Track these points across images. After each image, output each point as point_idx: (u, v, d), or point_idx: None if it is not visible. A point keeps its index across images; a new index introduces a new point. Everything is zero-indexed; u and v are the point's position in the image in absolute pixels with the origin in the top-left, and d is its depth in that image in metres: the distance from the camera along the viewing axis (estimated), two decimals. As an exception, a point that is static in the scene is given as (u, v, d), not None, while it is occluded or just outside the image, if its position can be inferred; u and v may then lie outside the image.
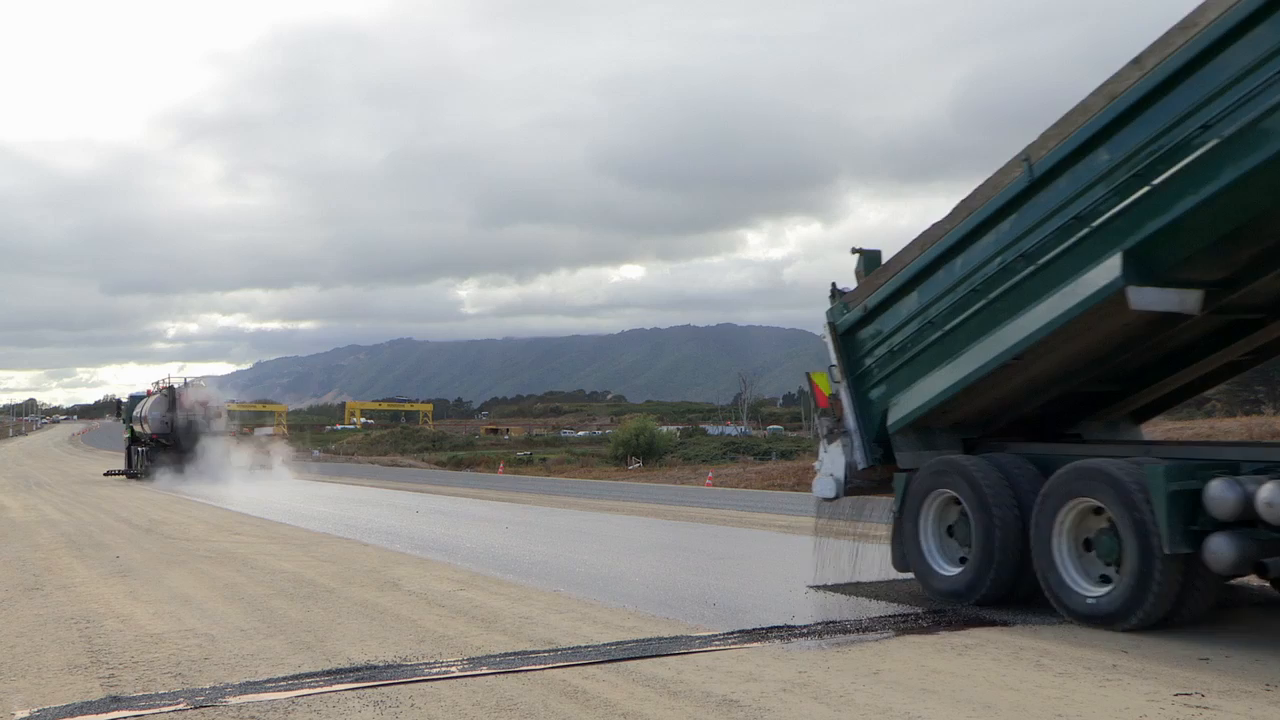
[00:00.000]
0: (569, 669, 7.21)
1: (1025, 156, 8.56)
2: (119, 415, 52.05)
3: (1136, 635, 7.82)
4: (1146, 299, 7.90)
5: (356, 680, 6.99)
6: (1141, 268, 7.82)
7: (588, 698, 6.46)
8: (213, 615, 9.67)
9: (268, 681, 7.05)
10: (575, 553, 14.35)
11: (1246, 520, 7.45)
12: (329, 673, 7.24)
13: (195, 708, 6.44)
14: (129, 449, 44.10)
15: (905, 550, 9.87)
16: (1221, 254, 7.81)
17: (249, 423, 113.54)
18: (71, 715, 6.37)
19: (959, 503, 9.36)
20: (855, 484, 10.43)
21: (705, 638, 8.17)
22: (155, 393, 42.47)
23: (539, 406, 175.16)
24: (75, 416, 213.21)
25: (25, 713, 6.42)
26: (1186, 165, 7.45)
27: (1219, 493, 7.50)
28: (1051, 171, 8.37)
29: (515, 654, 7.69)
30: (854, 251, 10.63)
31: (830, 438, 10.57)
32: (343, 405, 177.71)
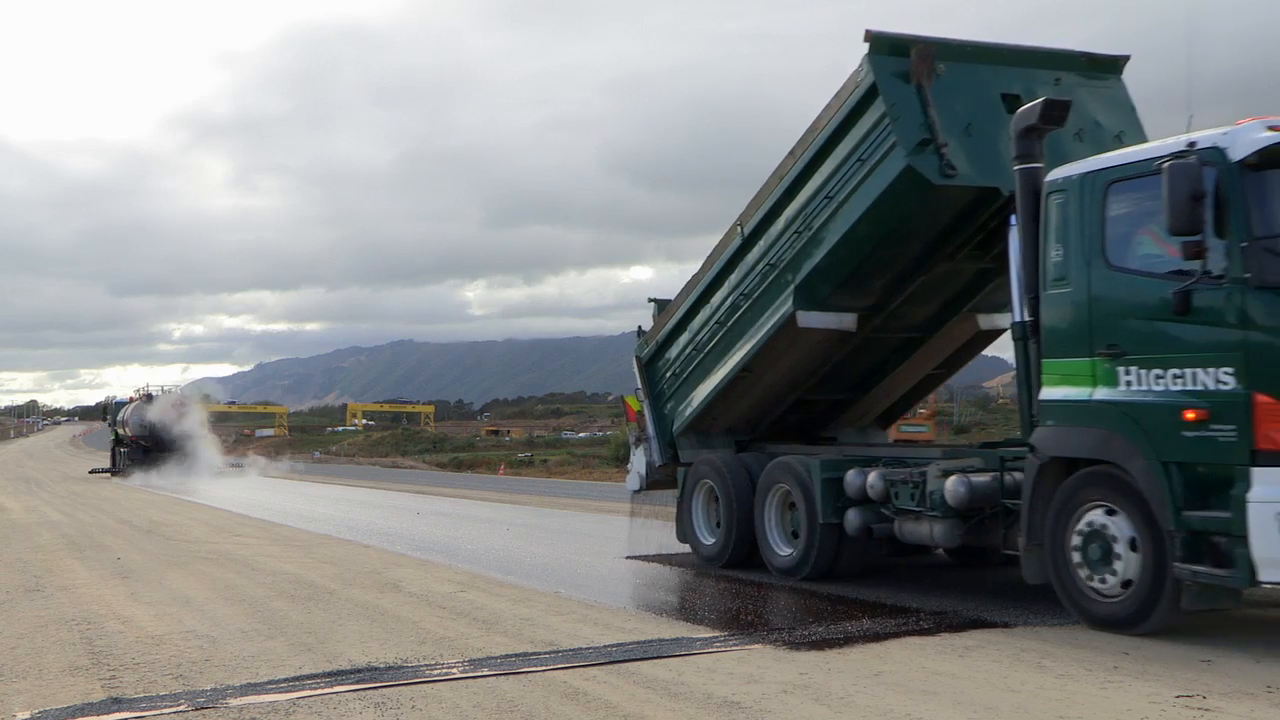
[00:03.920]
0: (570, 670, 7.21)
1: (739, 223, 11.52)
2: (104, 418, 57.74)
3: (1138, 637, 7.81)
4: (811, 320, 10.78)
5: (357, 682, 6.99)
6: (807, 297, 10.73)
7: (589, 699, 6.46)
8: (214, 617, 9.67)
9: (269, 683, 7.05)
10: (576, 554, 14.35)
11: (868, 499, 10.29)
12: (330, 674, 7.24)
13: (196, 709, 6.45)
14: (114, 450, 48.38)
15: (683, 526, 12.74)
16: (859, 285, 10.73)
17: (250, 424, 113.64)
18: (73, 717, 6.37)
19: (715, 492, 12.18)
20: (656, 478, 13.35)
21: (706, 639, 8.17)
22: (136, 399, 46.91)
23: (540, 408, 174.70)
24: (76, 418, 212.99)
25: (26, 714, 6.42)
26: (821, 223, 10.46)
27: (850, 480, 10.48)
28: (754, 233, 11.33)
29: (516, 655, 7.69)
30: (650, 300, 13.63)
31: (637, 444, 13.52)
32: (344, 407, 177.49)
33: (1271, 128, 7.44)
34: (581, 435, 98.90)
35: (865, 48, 9.81)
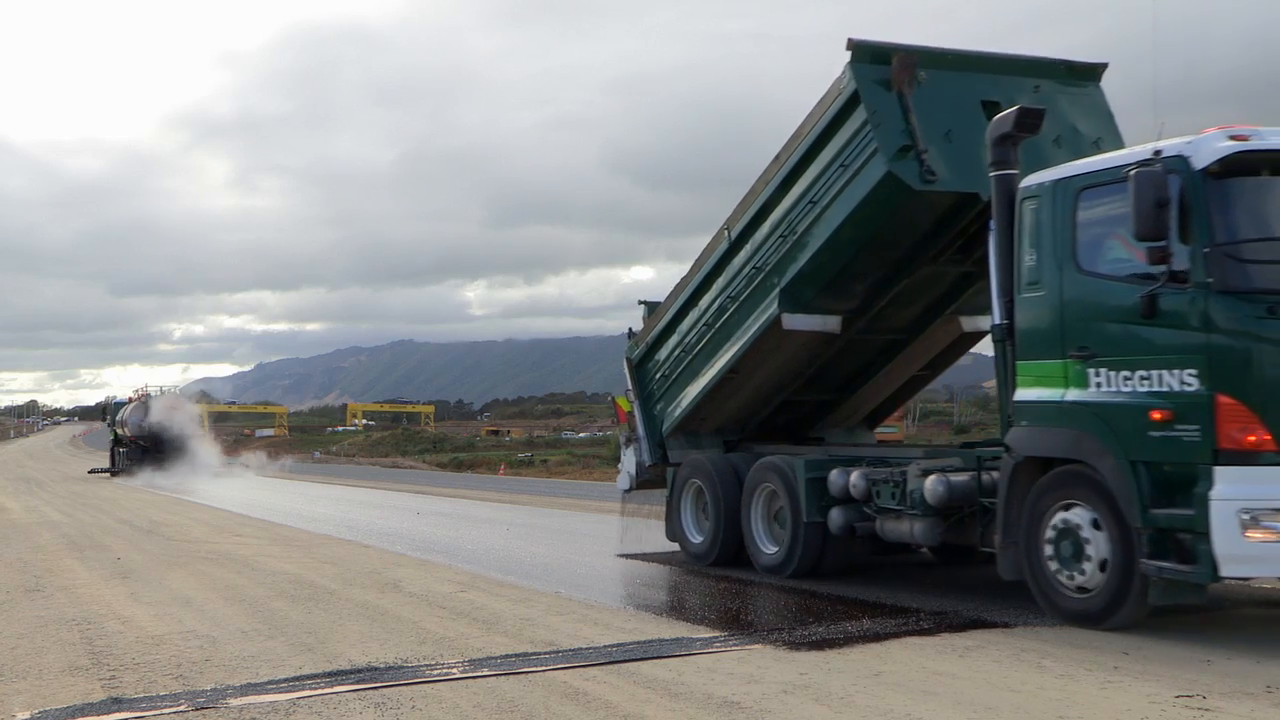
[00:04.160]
0: (570, 670, 7.21)
1: (726, 227, 11.71)
2: (104, 418, 58.83)
3: (1139, 637, 7.82)
4: (796, 323, 10.96)
5: (357, 682, 6.99)
6: (792, 300, 10.90)
7: (589, 699, 6.46)
8: (214, 617, 9.67)
9: (269, 683, 7.05)
10: (576, 554, 14.35)
11: (851, 498, 10.50)
12: (330, 674, 7.24)
13: (196, 709, 6.45)
14: (112, 450, 48.95)
15: (672, 525, 12.94)
16: (843, 288, 10.90)
17: (250, 424, 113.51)
18: (73, 717, 6.38)
19: (703, 491, 12.37)
20: (645, 478, 13.48)
21: (706, 639, 8.18)
22: (135, 400, 47.71)
23: (540, 408, 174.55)
24: (76, 418, 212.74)
25: (26, 714, 6.43)
26: (805, 228, 10.63)
27: (834, 479, 10.66)
28: (740, 237, 11.53)
29: (516, 656, 7.69)
30: (640, 303, 13.89)
31: (627, 444, 13.75)
32: (344, 407, 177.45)
33: (1233, 137, 7.64)
34: (581, 435, 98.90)
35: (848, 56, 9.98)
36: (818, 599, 10.00)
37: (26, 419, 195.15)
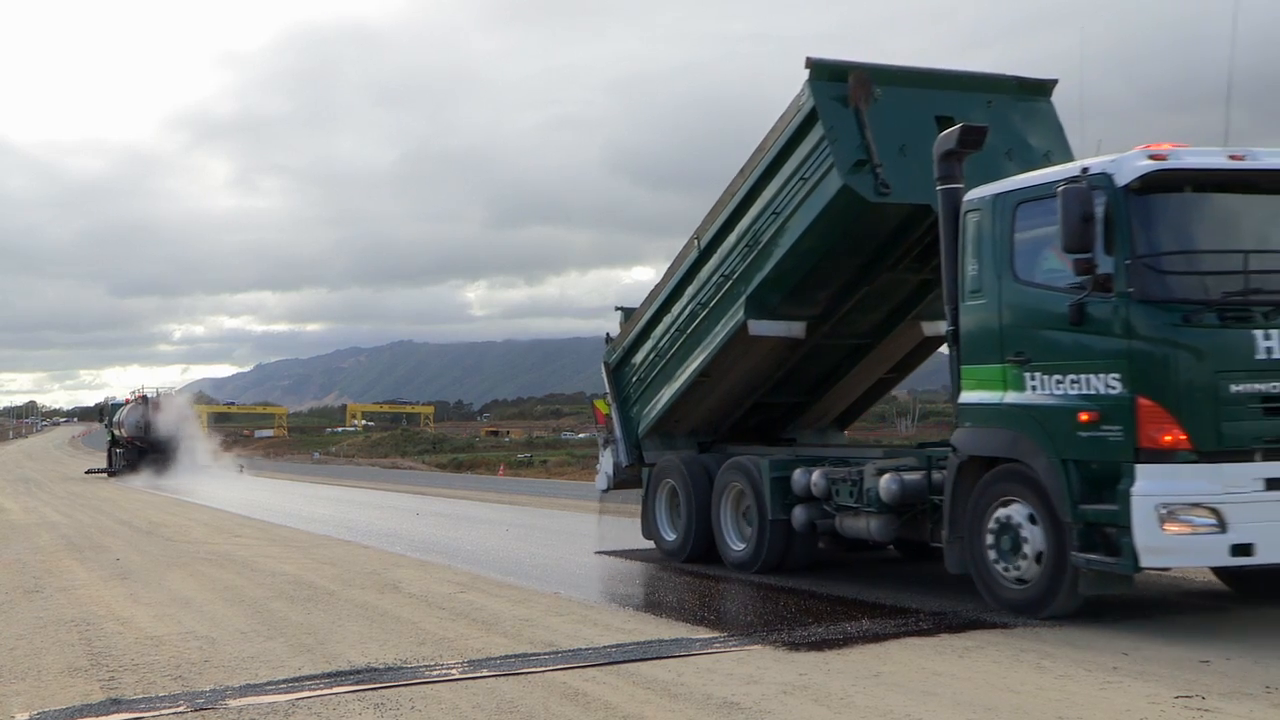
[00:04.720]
0: (569, 671, 7.21)
1: (696, 236, 12.12)
2: (101, 419, 59.93)
3: (1138, 637, 7.83)
4: (762, 329, 11.36)
5: (357, 683, 6.99)
6: (757, 307, 11.30)
7: (588, 700, 6.46)
8: (213, 618, 9.67)
9: (268, 684, 7.06)
10: (576, 555, 14.35)
11: (812, 496, 10.89)
12: (329, 675, 7.24)
13: (195, 710, 6.45)
14: (109, 450, 49.42)
15: (647, 523, 13.33)
16: (806, 295, 11.30)
17: (249, 424, 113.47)
18: (72, 718, 6.38)
19: (676, 491, 12.74)
20: (622, 478, 13.88)
21: (706, 640, 8.18)
22: (132, 401, 47.93)
23: (540, 409, 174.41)
24: (75, 419, 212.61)
25: (25, 715, 6.43)
26: (769, 238, 11.02)
27: (797, 478, 11.08)
28: (709, 246, 11.94)
29: (515, 656, 7.69)
30: (617, 309, 14.25)
31: (605, 445, 14.15)
32: (343, 407, 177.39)
33: (1152, 156, 8.01)
34: (581, 436, 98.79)
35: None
36: (816, 599, 10.00)
37: (25, 420, 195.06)
